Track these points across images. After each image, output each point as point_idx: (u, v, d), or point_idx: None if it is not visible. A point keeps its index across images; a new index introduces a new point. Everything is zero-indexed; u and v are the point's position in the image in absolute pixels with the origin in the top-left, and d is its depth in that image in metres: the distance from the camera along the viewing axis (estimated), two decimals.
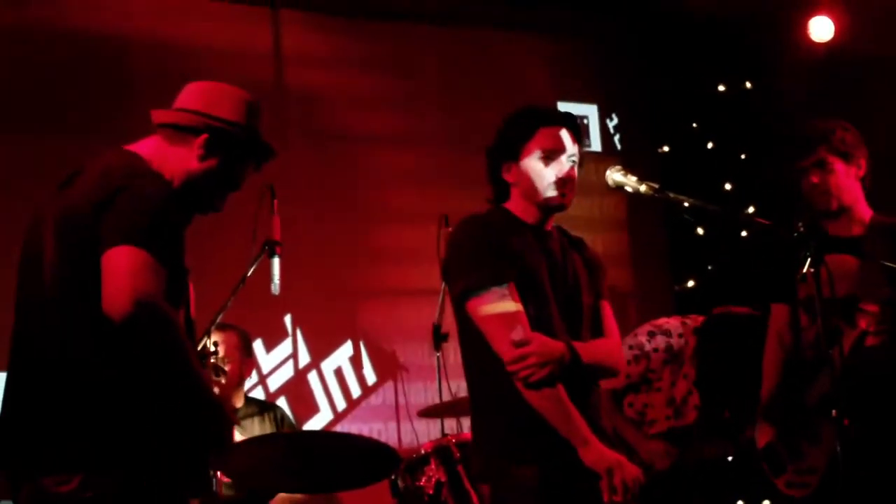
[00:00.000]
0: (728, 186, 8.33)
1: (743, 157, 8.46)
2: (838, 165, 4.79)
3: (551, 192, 4.00)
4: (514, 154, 4.05)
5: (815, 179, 4.78)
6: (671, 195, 3.96)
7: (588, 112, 8.79)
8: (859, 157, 4.82)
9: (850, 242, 4.85)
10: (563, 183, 4.00)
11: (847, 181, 4.80)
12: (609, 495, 3.70)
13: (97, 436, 3.16)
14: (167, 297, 3.14)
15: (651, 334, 5.78)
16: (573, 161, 4.05)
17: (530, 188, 4.02)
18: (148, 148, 3.48)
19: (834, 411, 3.84)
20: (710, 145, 8.58)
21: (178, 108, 3.56)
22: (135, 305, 3.03)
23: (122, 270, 3.08)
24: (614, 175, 3.99)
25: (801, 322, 4.83)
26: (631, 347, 5.75)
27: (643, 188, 3.94)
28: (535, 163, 4.01)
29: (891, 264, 4.06)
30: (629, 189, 3.96)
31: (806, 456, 4.72)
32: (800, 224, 4.03)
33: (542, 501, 3.77)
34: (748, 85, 8.65)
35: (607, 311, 4.15)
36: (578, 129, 4.12)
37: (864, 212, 4.81)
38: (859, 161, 4.82)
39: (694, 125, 8.79)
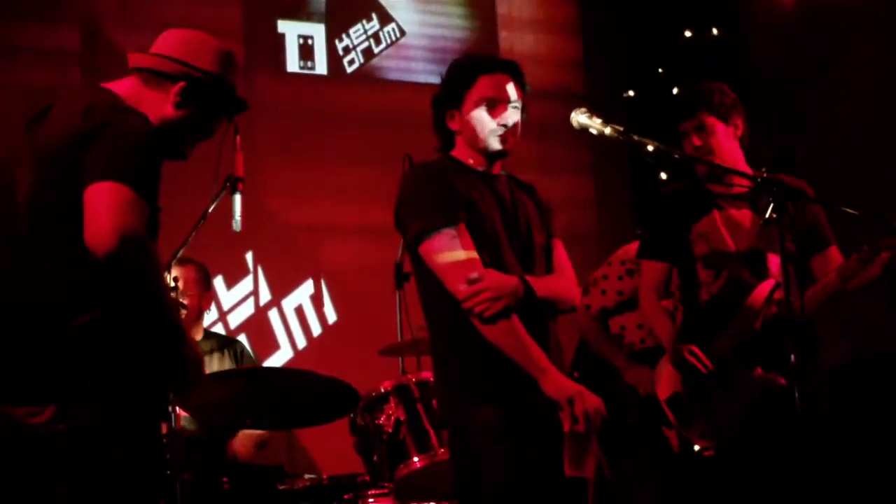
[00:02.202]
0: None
1: None
2: (718, 127, 4.86)
3: (493, 140, 4.02)
4: (457, 102, 4.08)
5: (697, 142, 4.84)
6: (635, 138, 3.98)
7: None
8: (736, 117, 4.90)
9: (740, 198, 4.92)
10: (504, 130, 4.02)
11: (727, 141, 4.86)
12: (570, 425, 3.73)
13: (71, 368, 3.15)
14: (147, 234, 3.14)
15: (626, 254, 5.83)
16: (515, 108, 4.06)
17: (472, 136, 4.05)
18: (124, 88, 3.46)
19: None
20: (675, 91, 8.59)
21: (155, 54, 3.54)
22: (119, 241, 3.01)
23: (107, 206, 3.05)
24: (579, 117, 4.01)
25: (702, 276, 4.88)
26: (623, 263, 5.80)
27: (608, 130, 3.96)
28: (476, 111, 4.03)
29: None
30: (594, 131, 3.97)
31: (719, 406, 4.76)
32: (763, 170, 4.06)
33: (503, 440, 3.79)
34: (715, 32, 8.65)
35: (559, 249, 4.18)
36: (521, 77, 4.12)
37: (745, 170, 4.86)
38: (737, 121, 4.90)
39: (660, 70, 8.79)
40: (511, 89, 4.05)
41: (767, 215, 3.87)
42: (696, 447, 4.75)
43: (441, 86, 4.17)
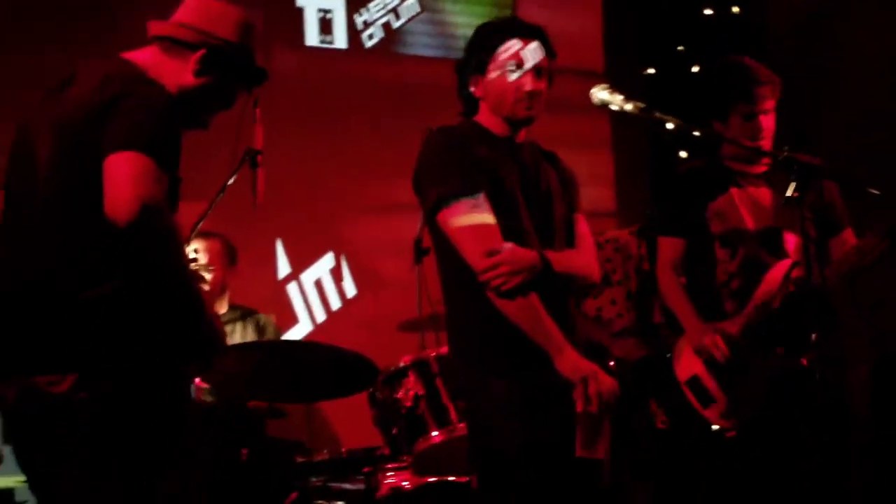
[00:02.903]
0: None
1: None
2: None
3: (517, 106, 3.95)
4: (481, 67, 4.00)
5: (765, 124, 4.83)
6: (657, 115, 3.96)
7: None
8: None
9: (760, 177, 4.92)
10: (529, 96, 3.94)
11: None
12: (584, 405, 3.70)
13: (91, 337, 3.15)
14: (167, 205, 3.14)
15: (600, 233, 5.85)
16: (541, 74, 3.99)
17: (496, 102, 3.98)
18: (144, 58, 3.45)
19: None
20: (695, 69, 8.56)
21: (176, 22, 3.53)
22: (140, 211, 3.00)
23: (127, 175, 3.05)
24: (600, 93, 3.98)
25: (718, 255, 4.87)
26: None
27: (629, 107, 3.93)
28: (501, 76, 3.96)
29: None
30: (615, 108, 3.95)
31: (737, 386, 4.76)
32: (785, 149, 4.05)
33: (517, 414, 3.77)
34: (736, 10, 8.62)
35: (582, 223, 4.12)
36: (548, 42, 4.04)
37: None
38: None
39: (680, 48, 8.77)
40: (537, 54, 3.98)
41: (789, 194, 3.86)
42: (716, 428, 4.75)
43: (465, 50, 4.10)
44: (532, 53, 3.97)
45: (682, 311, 4.90)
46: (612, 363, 5.41)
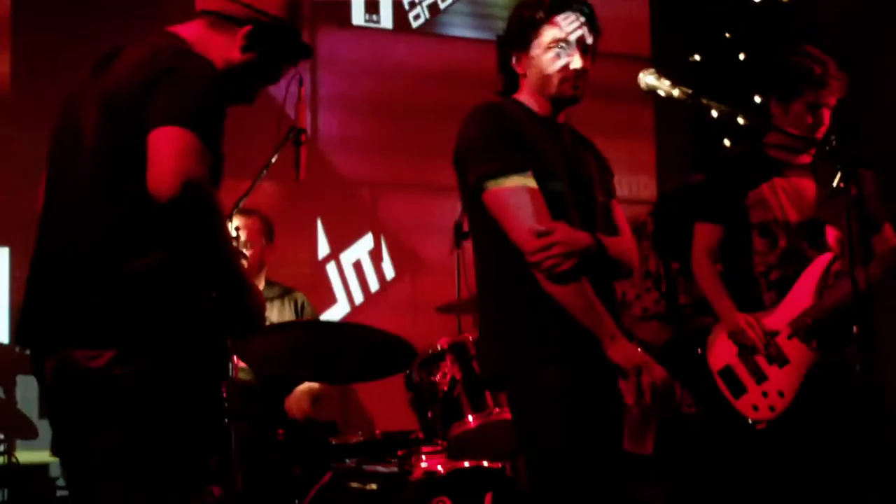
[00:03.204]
0: (757, 99, 8.26)
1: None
2: None
3: (563, 85, 3.78)
4: (524, 44, 3.82)
5: (827, 119, 4.80)
6: (704, 101, 3.90)
7: None
8: None
9: (805, 167, 4.87)
10: (576, 75, 3.78)
11: None
12: (636, 397, 3.56)
13: (130, 313, 3.16)
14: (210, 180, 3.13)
15: None
16: (587, 51, 3.82)
17: (540, 80, 3.81)
18: (191, 32, 3.44)
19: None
20: (741, 56, 8.50)
21: None
22: (183, 186, 2.99)
23: (170, 151, 3.04)
24: (647, 78, 3.89)
25: (756, 244, 4.83)
26: None
27: (676, 92, 3.86)
28: (546, 54, 3.78)
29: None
30: (661, 93, 3.88)
31: (771, 377, 4.72)
32: (832, 138, 4.01)
33: (569, 404, 3.61)
34: None
35: (619, 210, 3.97)
36: (593, 17, 3.85)
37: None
38: None
39: (727, 35, 8.70)
40: (584, 31, 3.81)
41: (834, 185, 3.82)
42: (749, 420, 4.73)
43: (508, 24, 3.90)
44: (580, 30, 3.80)
45: (717, 298, 4.86)
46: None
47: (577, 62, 3.79)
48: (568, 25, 3.80)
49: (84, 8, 6.77)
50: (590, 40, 3.83)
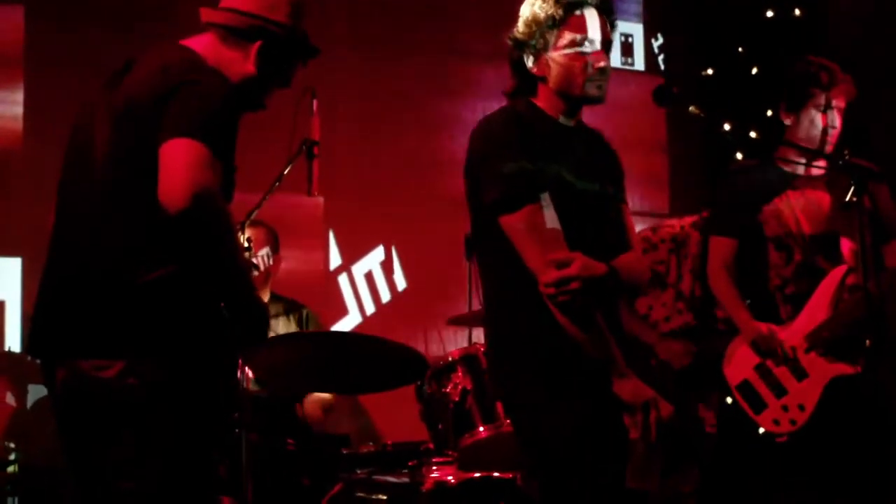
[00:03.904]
0: (769, 113, 8.26)
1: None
2: None
3: (588, 85, 3.66)
4: (542, 44, 3.68)
5: (839, 123, 4.80)
6: (717, 115, 3.90)
7: (633, 31, 8.74)
8: None
9: (819, 180, 4.87)
10: (599, 73, 3.66)
11: None
12: (642, 433, 3.50)
13: (141, 324, 3.17)
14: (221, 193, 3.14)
15: (655, 229, 5.74)
16: (608, 50, 3.71)
17: (562, 82, 3.67)
18: (203, 45, 3.45)
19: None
20: (754, 71, 8.50)
21: (229, 8, 3.52)
22: (192, 198, 3.01)
23: (181, 163, 3.05)
24: (662, 93, 3.93)
25: (772, 258, 4.82)
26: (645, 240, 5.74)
27: (690, 107, 3.89)
28: (569, 52, 3.65)
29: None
30: (674, 108, 3.90)
31: (791, 391, 4.72)
32: (845, 151, 4.01)
33: (580, 437, 3.51)
34: (797, 12, 8.55)
35: (628, 216, 3.84)
36: (612, 12, 3.75)
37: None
38: None
39: (740, 49, 8.70)
40: (602, 26, 3.69)
41: (848, 198, 3.82)
42: (768, 433, 4.72)
43: (523, 24, 3.73)
44: (601, 28, 3.69)
45: (736, 310, 4.86)
46: (654, 362, 5.38)
47: (602, 60, 3.69)
48: (589, 23, 3.68)
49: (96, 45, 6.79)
50: (609, 35, 3.74)
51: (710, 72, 8.74)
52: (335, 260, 7.54)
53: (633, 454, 3.62)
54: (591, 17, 3.68)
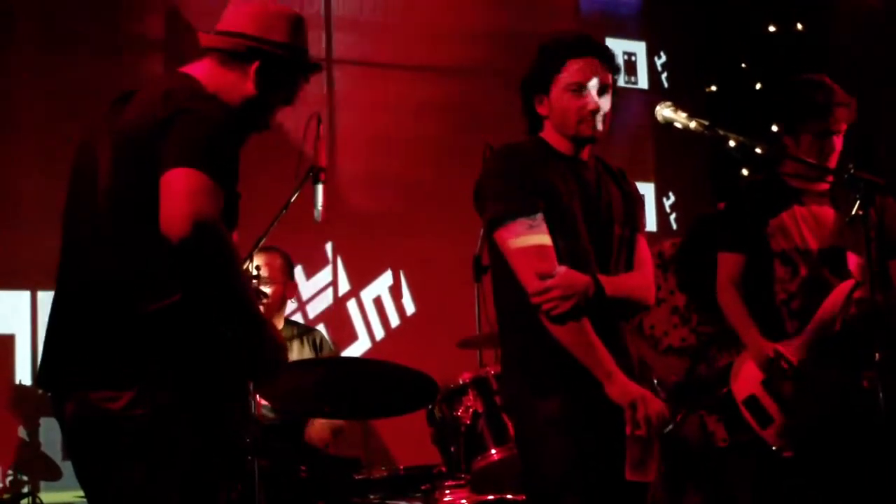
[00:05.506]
0: (775, 128, 8.26)
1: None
2: None
3: (581, 125, 3.91)
4: (545, 86, 3.97)
5: (836, 144, 4.80)
6: (721, 132, 3.91)
7: (636, 49, 8.76)
8: None
9: (824, 195, 4.88)
10: (592, 115, 3.90)
11: None
12: (632, 429, 3.72)
13: (149, 354, 3.17)
14: (223, 221, 3.13)
15: None
16: (605, 93, 3.94)
17: (561, 122, 3.95)
18: (202, 72, 3.45)
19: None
20: (758, 86, 8.51)
21: (226, 32, 3.52)
22: (193, 227, 3.01)
23: (182, 191, 3.06)
24: (664, 111, 3.94)
25: (778, 273, 4.82)
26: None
27: (693, 125, 3.89)
28: (564, 95, 3.92)
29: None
30: (678, 125, 3.92)
31: (796, 406, 4.71)
32: (850, 167, 4.00)
33: (565, 433, 3.77)
34: (800, 27, 8.57)
35: (642, 244, 4.07)
36: (611, 59, 4.01)
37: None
38: None
39: (743, 65, 8.72)
40: (601, 73, 3.94)
41: (854, 212, 3.81)
42: (774, 448, 4.71)
43: (529, 69, 4.04)
44: (597, 73, 3.94)
45: (744, 328, 4.84)
46: (655, 381, 5.40)
47: (595, 103, 3.91)
48: (585, 67, 3.93)
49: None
50: (606, 80, 3.96)
51: (713, 88, 8.76)
52: (344, 286, 7.55)
53: (629, 449, 3.76)
54: (588, 63, 3.94)
